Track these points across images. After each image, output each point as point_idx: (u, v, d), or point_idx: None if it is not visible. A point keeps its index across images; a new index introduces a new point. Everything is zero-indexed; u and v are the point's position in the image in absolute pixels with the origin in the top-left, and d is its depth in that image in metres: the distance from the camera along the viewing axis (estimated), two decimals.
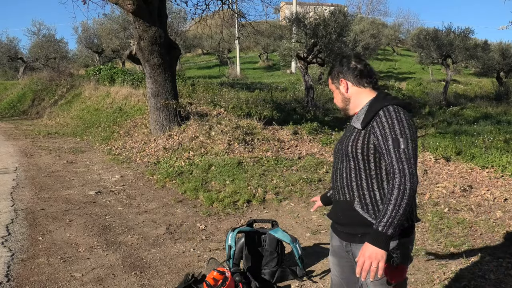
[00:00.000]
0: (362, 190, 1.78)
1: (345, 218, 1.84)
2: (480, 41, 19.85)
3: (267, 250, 3.36)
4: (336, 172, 1.88)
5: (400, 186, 1.62)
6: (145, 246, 4.04)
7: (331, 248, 2.00)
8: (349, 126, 1.90)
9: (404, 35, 39.48)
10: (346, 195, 1.82)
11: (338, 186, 1.86)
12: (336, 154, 1.91)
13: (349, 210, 1.80)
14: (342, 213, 1.85)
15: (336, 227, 1.93)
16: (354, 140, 1.78)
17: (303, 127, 8.79)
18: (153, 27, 7.99)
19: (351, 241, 1.84)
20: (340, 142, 1.89)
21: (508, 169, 5.52)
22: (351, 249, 1.84)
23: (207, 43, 29.55)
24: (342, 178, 1.84)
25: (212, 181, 6.03)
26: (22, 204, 5.38)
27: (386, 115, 1.70)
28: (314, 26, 13.90)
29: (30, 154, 8.82)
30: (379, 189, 1.76)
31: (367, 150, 1.75)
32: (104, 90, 14.65)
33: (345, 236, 1.87)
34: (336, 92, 1.93)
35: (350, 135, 1.83)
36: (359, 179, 1.78)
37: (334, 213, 1.93)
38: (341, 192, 1.85)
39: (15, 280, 3.34)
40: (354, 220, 1.79)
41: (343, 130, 1.96)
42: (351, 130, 1.85)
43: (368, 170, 1.76)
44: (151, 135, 8.78)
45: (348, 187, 1.81)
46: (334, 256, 1.98)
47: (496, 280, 3.07)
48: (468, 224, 4.11)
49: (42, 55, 25.70)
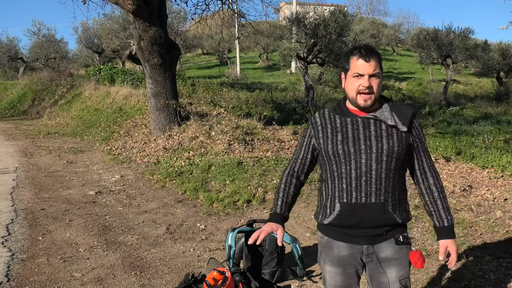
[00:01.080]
0: (393, 190, 1.75)
1: (372, 221, 1.74)
2: (480, 41, 19.85)
3: (267, 250, 3.35)
4: (368, 174, 1.71)
5: (442, 182, 1.87)
6: (145, 246, 4.04)
7: (333, 258, 1.84)
8: (371, 122, 1.75)
9: (404, 35, 39.47)
10: (380, 197, 1.72)
11: (370, 188, 1.71)
12: (360, 154, 1.72)
13: (380, 212, 1.73)
14: (369, 216, 1.73)
15: (350, 233, 1.79)
16: (399, 140, 1.73)
17: (303, 127, 8.79)
18: (153, 27, 7.99)
19: (373, 242, 1.78)
20: (363, 141, 1.72)
21: (508, 169, 5.52)
22: (374, 250, 1.79)
23: (207, 43, 29.55)
24: (378, 179, 1.71)
25: (212, 181, 6.03)
26: (22, 204, 5.38)
27: (417, 120, 1.85)
28: (314, 26, 13.90)
29: (30, 154, 8.82)
30: (404, 189, 1.82)
31: (405, 151, 1.77)
32: (104, 90, 14.65)
33: (366, 239, 1.78)
34: (381, 79, 1.75)
35: (387, 134, 1.72)
36: (393, 180, 1.75)
37: (351, 217, 1.75)
38: (373, 195, 1.72)
39: (15, 280, 3.34)
40: (382, 221, 1.75)
41: (344, 127, 1.77)
42: (382, 129, 1.73)
43: (399, 170, 1.77)
44: (151, 135, 8.78)
45: (385, 188, 1.73)
46: (337, 266, 1.84)
47: (496, 280, 3.07)
48: (468, 224, 4.11)
49: (42, 55, 25.70)
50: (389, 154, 1.71)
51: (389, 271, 1.79)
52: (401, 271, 1.80)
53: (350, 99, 1.78)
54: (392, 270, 1.79)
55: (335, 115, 1.82)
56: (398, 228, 1.80)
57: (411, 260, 1.79)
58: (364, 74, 1.70)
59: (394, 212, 1.75)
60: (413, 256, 1.78)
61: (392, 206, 1.75)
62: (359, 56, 1.71)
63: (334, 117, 1.82)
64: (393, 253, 1.79)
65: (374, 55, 1.72)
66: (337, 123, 1.79)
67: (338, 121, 1.79)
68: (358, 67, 1.71)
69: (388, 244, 1.79)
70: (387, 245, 1.79)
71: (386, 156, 1.71)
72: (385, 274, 1.80)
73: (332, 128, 1.79)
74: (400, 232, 1.80)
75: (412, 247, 1.81)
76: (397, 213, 1.76)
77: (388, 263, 1.79)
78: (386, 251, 1.79)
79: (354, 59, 1.73)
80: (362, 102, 1.73)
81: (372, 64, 1.70)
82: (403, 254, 1.80)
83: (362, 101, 1.73)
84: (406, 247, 1.80)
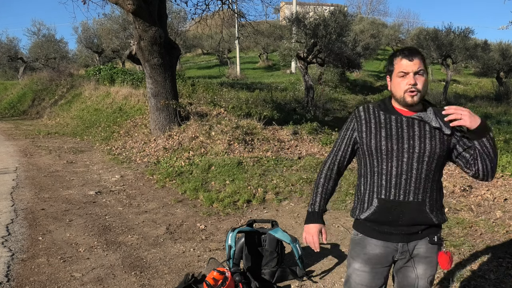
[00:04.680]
0: (432, 191, 1.78)
1: (407, 219, 1.77)
2: (480, 41, 19.87)
3: (267, 250, 3.36)
4: (409, 173, 1.75)
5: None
6: (145, 246, 4.04)
7: (364, 256, 1.86)
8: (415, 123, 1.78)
9: (404, 35, 39.39)
10: (419, 196, 1.76)
11: (409, 187, 1.75)
12: (402, 152, 1.75)
13: (418, 211, 1.76)
14: (406, 214, 1.76)
15: (386, 230, 1.81)
16: (441, 142, 1.76)
17: (303, 127, 8.79)
18: (153, 27, 7.99)
19: (408, 240, 1.81)
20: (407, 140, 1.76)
21: (508, 169, 5.52)
22: (408, 248, 1.82)
23: (207, 43, 29.52)
24: (418, 179, 1.75)
25: (212, 181, 6.03)
26: (22, 204, 5.38)
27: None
28: (314, 26, 13.90)
29: (30, 154, 8.82)
30: (441, 191, 1.85)
31: (446, 154, 1.79)
32: (104, 90, 14.65)
33: (402, 237, 1.80)
34: (426, 77, 1.80)
35: (430, 136, 1.76)
36: (432, 180, 1.78)
37: (389, 214, 1.78)
38: (412, 193, 1.75)
39: (15, 280, 3.34)
40: (419, 220, 1.78)
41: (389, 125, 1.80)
42: (426, 130, 1.77)
43: (439, 172, 1.80)
44: (151, 135, 8.78)
45: (424, 188, 1.76)
46: (367, 264, 1.85)
47: (496, 280, 3.07)
48: (468, 224, 4.11)
49: (42, 55, 25.70)
50: (431, 155, 1.75)
51: (419, 267, 1.83)
52: (429, 270, 1.84)
53: (397, 99, 1.81)
54: (421, 267, 1.83)
55: (379, 111, 1.84)
56: (433, 228, 1.83)
57: (439, 261, 1.82)
58: (408, 72, 1.76)
59: (431, 212, 1.78)
60: (442, 257, 1.81)
61: (430, 206, 1.78)
62: (403, 56, 1.77)
63: (378, 112, 1.84)
64: (425, 251, 1.82)
65: (417, 54, 1.78)
66: (382, 119, 1.82)
67: (382, 117, 1.82)
68: (403, 67, 1.77)
69: (422, 242, 1.82)
70: (422, 243, 1.83)
71: (428, 157, 1.75)
72: (414, 269, 1.83)
73: (376, 124, 1.82)
74: (435, 232, 1.83)
75: (443, 247, 1.84)
76: (434, 213, 1.79)
77: (418, 260, 1.83)
78: (419, 248, 1.83)
79: (398, 60, 1.79)
80: (410, 99, 1.76)
81: (416, 63, 1.75)
82: (434, 254, 1.83)
83: (410, 98, 1.76)
84: (438, 247, 1.84)
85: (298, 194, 5.38)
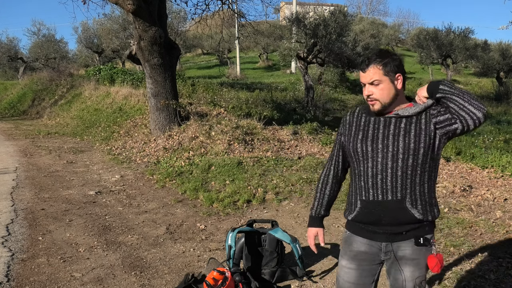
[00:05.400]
0: (413, 186, 1.76)
1: (390, 218, 1.78)
2: (480, 41, 19.87)
3: (267, 250, 3.36)
4: (384, 172, 1.76)
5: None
6: (145, 246, 4.04)
7: (350, 253, 1.90)
8: (392, 121, 1.79)
9: (404, 35, 39.45)
10: (397, 194, 1.75)
11: (386, 186, 1.76)
12: (377, 153, 1.77)
13: (398, 209, 1.76)
14: (387, 213, 1.77)
15: (371, 229, 1.84)
16: (416, 136, 1.74)
17: (303, 127, 8.79)
18: (153, 27, 7.99)
19: (392, 240, 1.81)
20: (381, 140, 1.77)
21: (508, 169, 5.52)
22: (392, 248, 1.82)
23: (207, 43, 29.53)
24: (394, 177, 1.75)
25: (212, 181, 6.03)
26: (22, 204, 5.38)
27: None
28: (314, 26, 13.90)
29: (30, 154, 8.82)
30: (429, 184, 1.80)
31: (425, 145, 1.75)
32: (104, 90, 14.65)
33: (385, 236, 1.81)
34: (386, 84, 1.78)
35: (404, 132, 1.75)
36: (411, 176, 1.75)
37: (371, 214, 1.81)
38: (389, 192, 1.76)
39: (15, 280, 3.34)
40: (401, 218, 1.77)
41: (367, 126, 1.85)
42: (400, 127, 1.76)
43: (421, 166, 1.76)
44: (151, 135, 8.78)
45: (401, 185, 1.75)
46: (353, 260, 1.89)
47: (496, 280, 3.07)
48: (468, 224, 4.11)
49: (42, 55, 25.70)
50: (405, 151, 1.74)
51: (405, 269, 1.82)
52: (416, 272, 1.81)
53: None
54: (408, 269, 1.81)
55: (363, 114, 1.89)
56: (421, 228, 1.80)
57: (428, 264, 1.79)
58: (364, 83, 1.83)
59: (413, 208, 1.76)
60: (431, 260, 1.78)
61: (411, 203, 1.76)
62: (359, 68, 1.86)
63: (361, 115, 1.89)
64: (411, 253, 1.80)
65: (371, 64, 1.79)
66: (362, 121, 1.87)
67: (363, 120, 1.87)
68: (360, 78, 1.85)
69: (407, 244, 1.80)
70: (406, 245, 1.81)
71: (403, 154, 1.74)
72: (401, 272, 1.82)
73: (356, 127, 1.87)
74: (423, 233, 1.80)
75: (433, 250, 1.81)
76: (416, 209, 1.77)
77: (405, 261, 1.81)
78: (405, 250, 1.81)
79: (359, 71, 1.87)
80: (372, 107, 1.83)
81: (368, 74, 1.79)
82: (421, 256, 1.80)
83: (371, 106, 1.83)
84: (426, 249, 1.81)
85: (298, 194, 5.38)
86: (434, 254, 1.79)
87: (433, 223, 1.85)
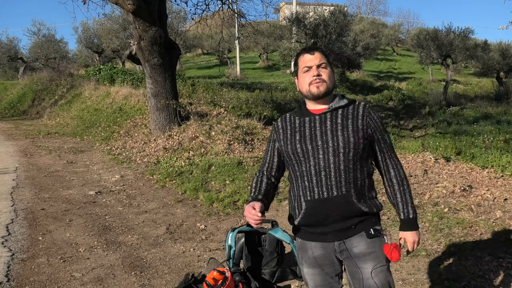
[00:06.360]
0: (356, 180, 1.77)
1: (336, 214, 1.76)
2: (480, 41, 19.84)
3: (267, 250, 3.35)
4: (327, 168, 1.75)
5: (405, 174, 1.87)
6: (145, 246, 4.04)
7: (308, 260, 1.87)
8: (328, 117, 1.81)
9: (404, 35, 39.47)
10: (342, 188, 1.74)
11: (330, 182, 1.74)
12: (317, 150, 1.77)
13: (345, 204, 1.75)
14: (334, 209, 1.75)
15: (320, 231, 1.81)
16: (354, 130, 1.77)
17: None
18: (153, 27, 7.99)
19: (344, 237, 1.79)
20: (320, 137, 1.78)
21: (508, 169, 5.52)
22: (346, 247, 1.80)
23: (207, 43, 29.52)
24: (338, 172, 1.74)
25: (212, 181, 6.03)
26: (22, 204, 5.38)
27: (374, 111, 1.87)
28: (314, 26, 13.91)
29: (30, 154, 8.82)
30: (369, 178, 1.82)
31: (364, 140, 1.78)
32: (104, 90, 14.65)
33: (336, 234, 1.79)
34: (330, 70, 1.85)
35: (342, 127, 1.77)
36: (353, 170, 1.76)
37: (317, 214, 1.78)
38: (334, 188, 1.74)
39: (15, 280, 3.34)
40: (348, 213, 1.76)
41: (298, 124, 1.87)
42: (337, 122, 1.78)
43: (361, 160, 1.79)
44: (151, 135, 8.78)
45: (345, 179, 1.74)
46: (314, 266, 1.86)
47: (496, 280, 3.07)
48: (468, 224, 4.11)
49: (42, 55, 25.69)
50: (345, 145, 1.75)
51: (364, 266, 1.79)
52: (377, 264, 1.79)
53: (306, 95, 1.86)
54: (367, 265, 1.79)
55: (295, 117, 1.90)
56: (368, 221, 1.80)
57: (385, 253, 1.77)
58: (311, 65, 1.83)
59: (359, 202, 1.77)
60: (386, 248, 1.76)
61: (356, 196, 1.77)
62: (304, 52, 1.87)
63: (294, 118, 1.90)
64: (366, 247, 1.79)
65: (317, 49, 1.87)
66: (296, 123, 1.87)
67: (297, 122, 1.88)
68: (305, 62, 1.84)
69: (360, 238, 1.79)
70: (359, 239, 1.79)
71: (343, 148, 1.75)
72: (359, 271, 1.80)
73: (292, 129, 1.87)
74: (371, 225, 1.81)
75: (387, 240, 1.81)
76: (362, 202, 1.77)
77: (363, 258, 1.79)
78: (359, 245, 1.79)
79: (301, 57, 1.87)
80: (315, 90, 1.81)
81: (317, 56, 1.84)
82: (377, 248, 1.79)
83: (315, 88, 1.81)
84: (380, 239, 1.80)
85: None
86: (389, 243, 1.78)
87: (378, 215, 1.87)
